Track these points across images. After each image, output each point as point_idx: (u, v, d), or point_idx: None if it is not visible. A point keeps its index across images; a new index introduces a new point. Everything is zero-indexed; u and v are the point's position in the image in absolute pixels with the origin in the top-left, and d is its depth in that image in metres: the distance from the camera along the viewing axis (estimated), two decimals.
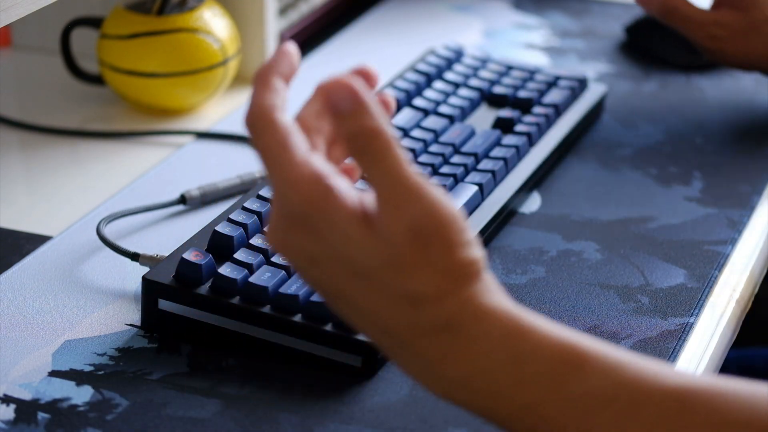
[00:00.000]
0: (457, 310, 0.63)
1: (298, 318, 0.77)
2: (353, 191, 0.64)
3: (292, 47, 0.69)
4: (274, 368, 0.78)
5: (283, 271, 0.79)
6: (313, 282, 0.66)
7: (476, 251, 0.63)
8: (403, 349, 0.64)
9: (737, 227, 0.94)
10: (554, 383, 0.63)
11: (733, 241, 0.93)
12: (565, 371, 0.63)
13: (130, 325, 0.82)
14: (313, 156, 0.63)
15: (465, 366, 0.63)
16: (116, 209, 0.94)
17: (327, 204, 0.63)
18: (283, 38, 1.22)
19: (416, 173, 0.62)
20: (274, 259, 0.81)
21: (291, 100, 1.14)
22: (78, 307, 0.84)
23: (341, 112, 0.63)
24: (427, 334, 0.63)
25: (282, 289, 0.78)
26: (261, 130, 0.64)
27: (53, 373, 0.78)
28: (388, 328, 0.64)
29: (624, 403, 0.62)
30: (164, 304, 0.80)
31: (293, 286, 0.78)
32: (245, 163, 1.02)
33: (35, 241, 0.91)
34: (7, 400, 0.75)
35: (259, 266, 0.80)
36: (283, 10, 1.23)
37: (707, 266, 0.90)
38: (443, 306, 0.63)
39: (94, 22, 1.10)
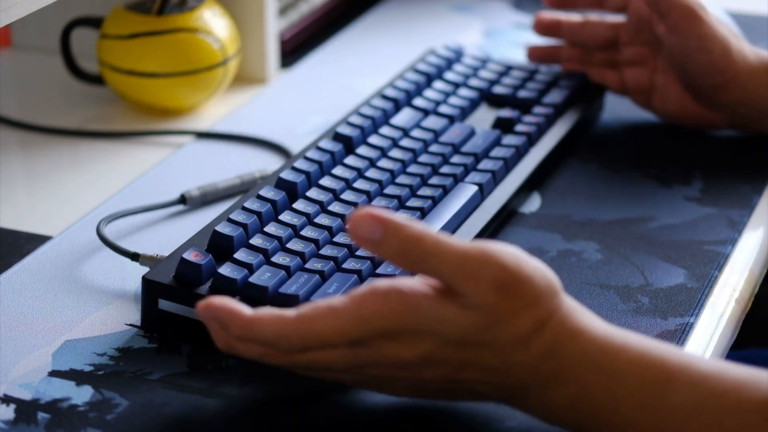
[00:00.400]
0: (557, 332, 0.68)
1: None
2: (419, 282, 0.68)
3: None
4: (274, 368, 0.78)
5: (283, 271, 0.79)
6: (427, 380, 0.70)
7: (541, 275, 0.68)
8: (519, 390, 0.69)
9: (737, 227, 0.94)
10: (647, 398, 0.67)
11: (733, 241, 0.93)
12: (656, 386, 0.67)
13: (130, 325, 0.82)
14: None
15: (572, 387, 0.68)
16: (116, 209, 0.94)
17: (414, 303, 0.67)
18: (283, 38, 1.22)
19: (463, 242, 0.68)
20: (274, 259, 0.81)
21: (290, 100, 1.14)
22: (78, 307, 0.84)
23: (376, 240, 0.68)
24: (538, 365, 0.68)
25: (282, 289, 0.78)
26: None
27: (53, 373, 0.78)
28: (509, 378, 0.69)
29: (710, 416, 0.66)
30: (164, 304, 0.80)
31: (293, 286, 0.78)
32: (245, 163, 1.02)
33: (35, 241, 0.91)
34: (7, 400, 0.75)
35: (259, 266, 0.80)
36: (283, 10, 1.23)
37: (707, 266, 0.90)
38: (545, 332, 0.68)
39: (94, 22, 1.10)
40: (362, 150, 0.94)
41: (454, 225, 0.88)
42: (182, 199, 0.95)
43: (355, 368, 0.70)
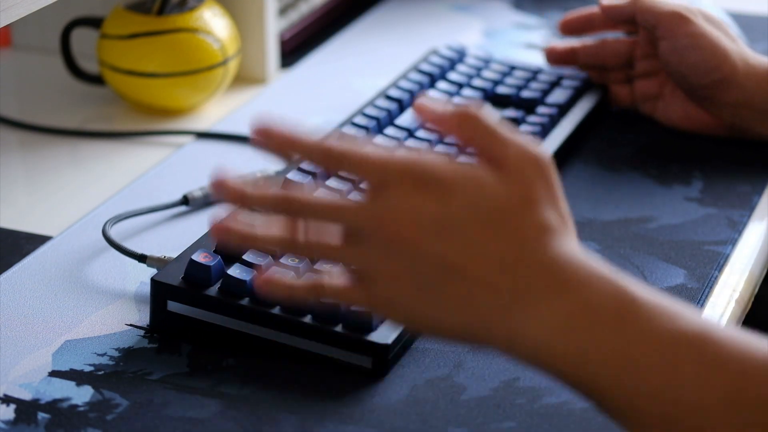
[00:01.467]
0: (573, 247, 0.68)
1: (308, 319, 0.77)
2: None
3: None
4: (274, 368, 0.78)
5: (293, 272, 0.79)
6: (429, 255, 0.67)
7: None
8: (517, 298, 0.67)
9: (737, 227, 0.94)
10: (650, 327, 0.66)
11: (733, 241, 0.93)
12: (662, 318, 0.66)
13: (131, 325, 0.82)
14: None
15: (576, 298, 0.66)
16: (116, 209, 0.94)
17: (459, 161, 0.69)
18: (283, 38, 1.22)
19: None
20: (282, 260, 0.81)
21: (290, 100, 1.14)
22: (78, 307, 0.84)
23: (434, 110, 0.71)
24: (550, 268, 0.67)
25: None
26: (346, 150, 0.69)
27: (53, 373, 0.78)
28: (515, 277, 0.67)
29: (710, 357, 0.65)
30: (173, 306, 0.80)
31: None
32: (245, 163, 1.02)
33: (35, 241, 0.91)
34: (7, 400, 0.75)
35: (268, 267, 0.80)
36: (283, 10, 1.24)
37: (707, 266, 0.90)
38: (566, 240, 0.68)
39: (94, 22, 1.10)
40: None
41: None
42: (185, 200, 0.95)
43: (369, 219, 0.68)
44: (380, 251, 0.68)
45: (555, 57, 1.11)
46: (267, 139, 0.70)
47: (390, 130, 0.97)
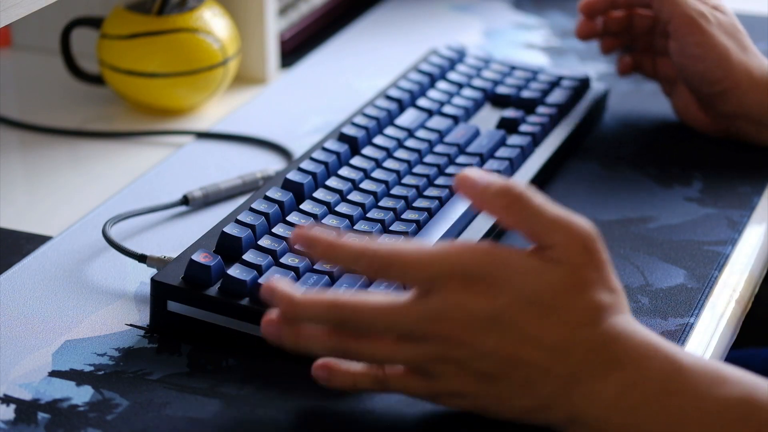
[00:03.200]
0: (624, 323, 0.70)
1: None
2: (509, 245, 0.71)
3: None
4: (274, 368, 0.78)
5: (292, 272, 0.79)
6: (486, 351, 0.69)
7: (618, 280, 0.72)
8: (570, 380, 0.69)
9: (737, 227, 0.94)
10: (697, 397, 0.68)
11: (733, 241, 0.93)
12: (708, 387, 0.69)
13: (131, 325, 0.82)
14: None
15: (627, 374, 0.68)
16: (116, 209, 0.94)
17: (502, 252, 0.69)
18: (283, 38, 1.22)
19: (558, 206, 0.70)
20: (282, 260, 0.81)
21: (290, 100, 1.14)
22: (78, 307, 0.84)
23: (477, 189, 0.71)
24: (600, 348, 0.69)
25: None
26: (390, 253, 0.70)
27: (53, 373, 0.78)
28: (567, 360, 0.69)
29: (756, 424, 0.67)
30: (173, 306, 0.80)
31: (302, 287, 0.78)
32: (245, 163, 1.02)
33: (35, 241, 0.91)
34: (7, 400, 0.75)
35: (268, 267, 0.80)
36: (283, 10, 1.24)
37: (707, 266, 0.90)
38: (614, 319, 0.69)
39: (94, 22, 1.10)
40: (368, 151, 0.95)
41: (461, 225, 0.88)
42: (185, 200, 0.95)
43: (421, 322, 0.69)
44: (436, 350, 0.70)
45: (588, 8, 1.09)
46: (310, 248, 0.71)
47: (390, 130, 0.97)
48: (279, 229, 0.84)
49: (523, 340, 0.69)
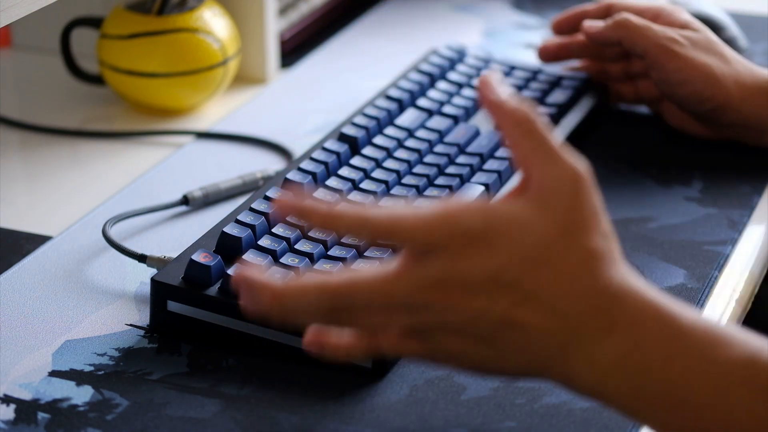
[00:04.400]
0: (621, 277, 0.68)
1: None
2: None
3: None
4: (274, 368, 0.78)
5: (292, 272, 0.79)
6: (484, 312, 0.67)
7: (609, 222, 0.70)
8: (571, 341, 0.67)
9: (737, 227, 0.94)
10: (699, 360, 0.66)
11: (733, 241, 0.93)
12: (710, 349, 0.66)
13: (131, 325, 0.82)
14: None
15: (625, 337, 0.67)
16: (116, 209, 0.94)
17: (497, 208, 0.67)
18: (283, 38, 1.22)
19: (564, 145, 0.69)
20: (282, 260, 0.81)
21: (290, 100, 1.14)
22: (78, 307, 0.84)
23: (495, 97, 0.70)
24: (599, 304, 0.67)
25: None
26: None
27: (53, 373, 0.78)
28: (567, 320, 0.67)
29: (759, 386, 0.65)
30: (173, 306, 0.80)
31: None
32: (245, 163, 1.02)
33: (35, 241, 0.91)
34: (7, 400, 0.75)
35: (268, 267, 0.80)
36: (283, 10, 1.24)
37: (707, 266, 0.90)
38: (611, 271, 0.67)
39: (94, 22, 1.10)
40: (368, 151, 0.95)
41: None
42: (185, 200, 0.95)
43: (418, 291, 0.67)
44: (435, 317, 0.68)
45: (548, 55, 1.10)
46: (307, 218, 0.69)
47: (390, 130, 0.97)
48: (279, 229, 0.84)
49: (522, 299, 0.67)
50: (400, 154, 0.95)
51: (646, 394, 0.67)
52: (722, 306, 0.86)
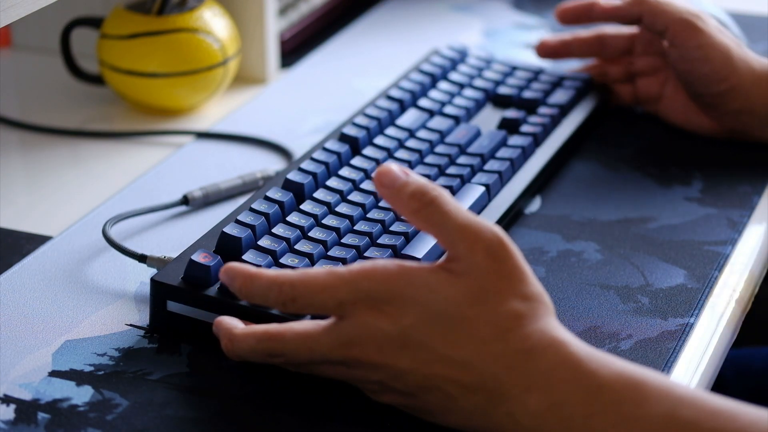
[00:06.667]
0: (538, 335, 0.68)
1: (306, 319, 0.77)
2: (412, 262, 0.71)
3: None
4: (274, 368, 0.78)
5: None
6: (401, 371, 0.69)
7: (538, 285, 0.70)
8: (494, 394, 0.68)
9: (737, 227, 0.94)
10: (619, 418, 0.67)
11: (733, 241, 0.93)
12: (630, 407, 0.67)
13: (131, 325, 0.82)
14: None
15: (544, 397, 0.67)
16: (116, 209, 0.94)
17: (408, 271, 0.69)
18: (283, 38, 1.22)
19: (470, 214, 0.70)
20: (282, 260, 0.81)
21: (290, 100, 1.14)
22: (78, 307, 0.84)
23: (397, 186, 0.71)
24: (513, 364, 0.68)
25: None
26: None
27: (53, 373, 0.78)
28: (483, 374, 0.68)
29: (679, 428, 0.66)
30: (173, 306, 0.80)
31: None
32: (245, 163, 1.02)
33: (35, 241, 0.91)
34: (7, 400, 0.75)
35: (267, 267, 0.80)
36: (283, 10, 1.23)
37: (707, 266, 0.89)
38: (527, 330, 0.68)
39: (94, 22, 1.10)
40: (368, 151, 0.95)
41: None
42: (185, 200, 0.95)
43: (335, 349, 0.70)
44: (356, 373, 0.71)
45: (546, 50, 1.10)
46: (230, 282, 0.73)
47: (391, 131, 0.97)
48: (279, 230, 0.84)
49: (435, 358, 0.69)
50: (401, 154, 0.95)
51: None
52: (722, 306, 0.86)
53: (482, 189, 0.91)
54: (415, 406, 0.71)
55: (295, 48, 1.24)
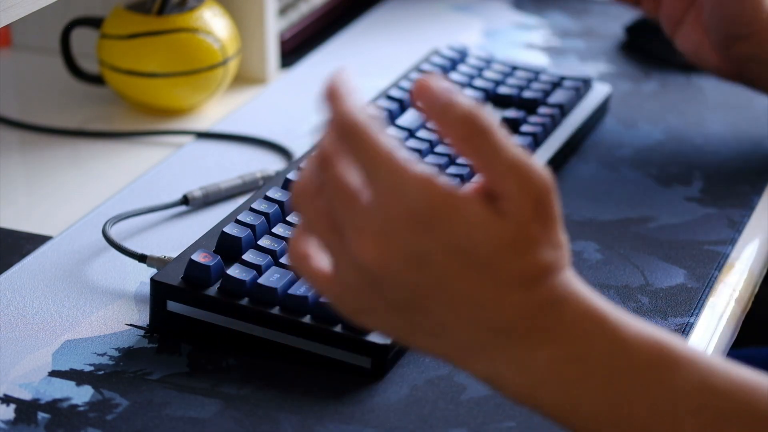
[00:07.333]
0: (564, 286, 0.63)
1: (307, 319, 0.77)
2: (467, 188, 0.63)
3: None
4: (274, 368, 0.78)
5: (292, 273, 0.79)
6: (405, 285, 0.62)
7: (564, 230, 0.64)
8: (500, 337, 0.62)
9: (737, 227, 0.94)
10: (645, 381, 0.62)
11: (733, 241, 0.93)
12: (658, 370, 0.62)
13: (131, 325, 0.82)
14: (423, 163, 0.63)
15: (563, 348, 0.62)
16: (116, 209, 0.94)
17: (453, 196, 0.61)
18: (283, 38, 1.22)
19: (522, 149, 0.62)
20: (282, 260, 0.81)
21: (290, 100, 1.14)
22: (78, 307, 0.84)
23: (444, 104, 0.63)
24: (535, 313, 0.62)
25: (291, 291, 0.78)
26: (366, 133, 0.62)
27: (53, 373, 0.78)
28: (495, 316, 0.62)
29: (712, 415, 0.62)
30: (173, 306, 0.80)
31: (302, 288, 0.78)
32: (245, 163, 1.02)
33: (35, 241, 0.91)
34: (7, 400, 0.75)
35: (267, 267, 0.80)
36: (283, 10, 1.23)
37: (707, 266, 0.90)
38: (557, 279, 0.62)
39: (94, 22, 1.10)
40: None
41: None
42: (185, 200, 0.95)
43: (389, 253, 0.62)
44: (354, 270, 0.64)
45: None
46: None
47: (391, 131, 0.97)
48: (279, 229, 0.84)
49: (448, 280, 0.62)
50: None
51: (582, 406, 0.63)
52: (722, 306, 0.86)
53: None
54: (386, 321, 0.64)
55: (295, 48, 1.24)
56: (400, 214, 0.61)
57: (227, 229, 0.83)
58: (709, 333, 0.84)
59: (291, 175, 0.89)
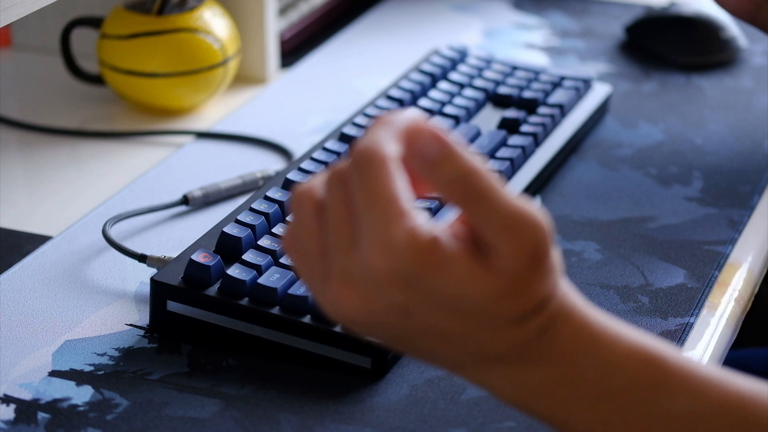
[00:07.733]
0: (559, 301, 0.61)
1: (307, 319, 0.77)
2: (456, 241, 0.60)
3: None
4: (274, 368, 0.78)
5: (292, 273, 0.79)
6: (389, 329, 0.61)
7: (557, 249, 0.62)
8: (491, 360, 0.62)
9: (737, 227, 0.94)
10: (639, 399, 0.61)
11: (733, 241, 0.93)
12: (651, 389, 0.61)
13: (131, 325, 0.82)
14: (417, 212, 0.60)
15: (555, 370, 0.61)
16: (116, 209, 0.94)
17: (439, 254, 0.59)
18: (283, 38, 1.22)
19: (519, 200, 0.60)
20: (282, 260, 0.81)
21: (290, 100, 1.14)
22: (78, 307, 0.84)
23: (430, 159, 0.60)
24: (527, 341, 0.61)
25: (291, 291, 0.78)
26: (375, 172, 0.60)
27: (53, 373, 0.78)
28: (487, 346, 0.61)
29: (707, 430, 0.61)
30: (173, 306, 0.80)
31: (302, 288, 0.78)
32: (245, 163, 1.02)
33: (35, 241, 0.91)
34: (7, 400, 0.75)
35: (267, 267, 0.80)
36: (283, 10, 1.23)
37: (707, 266, 0.90)
38: (547, 309, 0.61)
39: (94, 22, 1.10)
40: None
41: None
42: (185, 200, 0.95)
43: (373, 306, 0.60)
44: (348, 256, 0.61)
45: None
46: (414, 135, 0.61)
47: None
48: (279, 229, 0.84)
49: (429, 330, 0.60)
50: None
51: (575, 424, 0.62)
52: (722, 306, 0.86)
53: None
54: (384, 328, 0.62)
55: (295, 48, 1.24)
56: (385, 273, 0.59)
57: (227, 229, 0.83)
58: (709, 333, 0.84)
59: (291, 175, 0.89)
